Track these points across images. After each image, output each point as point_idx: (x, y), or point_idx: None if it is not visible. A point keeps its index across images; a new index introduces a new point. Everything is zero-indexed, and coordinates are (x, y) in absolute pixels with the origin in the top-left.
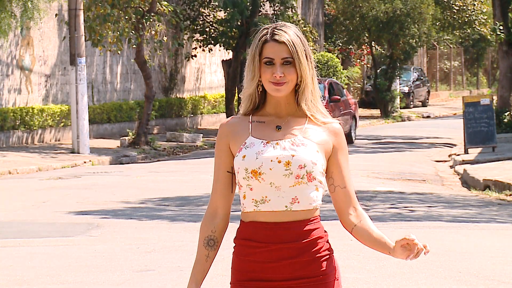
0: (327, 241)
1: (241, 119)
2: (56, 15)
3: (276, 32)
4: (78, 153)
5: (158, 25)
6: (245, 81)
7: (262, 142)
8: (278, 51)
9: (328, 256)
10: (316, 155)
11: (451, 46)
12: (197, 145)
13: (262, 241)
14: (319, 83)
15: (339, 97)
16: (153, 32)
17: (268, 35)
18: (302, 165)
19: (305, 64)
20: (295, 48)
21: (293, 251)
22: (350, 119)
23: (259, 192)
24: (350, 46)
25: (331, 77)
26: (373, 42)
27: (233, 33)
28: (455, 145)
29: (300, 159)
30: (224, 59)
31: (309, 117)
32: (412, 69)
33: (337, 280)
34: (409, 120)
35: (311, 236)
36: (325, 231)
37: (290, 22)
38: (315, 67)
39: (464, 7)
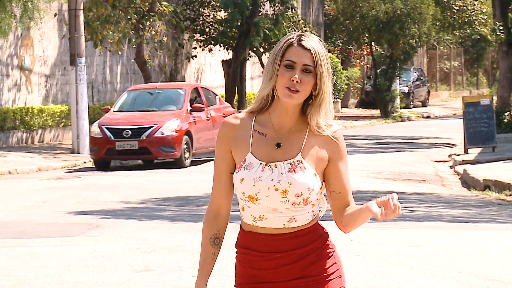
0: (328, 240)
1: (244, 122)
2: (55, 14)
3: (303, 39)
4: (78, 153)
5: (158, 26)
6: (263, 81)
7: (260, 164)
8: (301, 56)
9: (330, 255)
10: (313, 179)
11: (451, 46)
12: None
13: (262, 251)
14: (182, 89)
15: (202, 106)
16: (153, 32)
17: (294, 40)
18: (299, 193)
19: (326, 76)
20: (319, 57)
21: (294, 257)
22: None
23: (257, 211)
24: (350, 46)
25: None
26: (373, 42)
27: (233, 33)
28: (455, 145)
29: (297, 187)
30: (224, 59)
31: (310, 130)
32: (412, 69)
33: (340, 277)
34: (409, 120)
35: (311, 241)
36: (325, 231)
37: (290, 22)
38: (332, 83)
39: (464, 7)
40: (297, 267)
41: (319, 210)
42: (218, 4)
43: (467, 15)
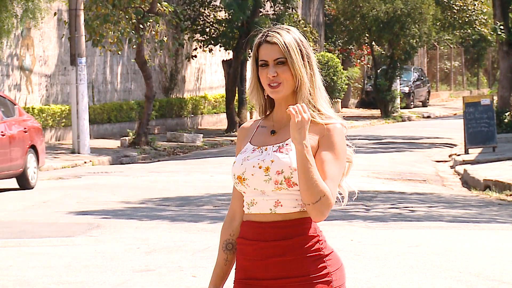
0: (319, 242)
1: (255, 123)
2: (55, 13)
3: (269, 34)
4: (79, 153)
5: (159, 25)
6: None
7: (253, 148)
8: (270, 52)
9: (318, 257)
10: None
11: (452, 46)
12: (197, 145)
13: (252, 239)
14: None
15: None
16: (153, 32)
17: (262, 38)
18: (279, 171)
19: (299, 62)
20: (286, 47)
21: (279, 250)
22: (24, 153)
23: (249, 196)
24: (351, 46)
25: (331, 78)
26: (373, 42)
27: (233, 34)
28: (455, 145)
29: (278, 164)
30: (225, 59)
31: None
32: (412, 69)
33: (330, 282)
34: (410, 120)
35: (299, 235)
36: (317, 232)
37: (291, 22)
38: (317, 70)
39: (465, 7)
40: (282, 263)
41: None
42: (218, 4)
43: (467, 15)
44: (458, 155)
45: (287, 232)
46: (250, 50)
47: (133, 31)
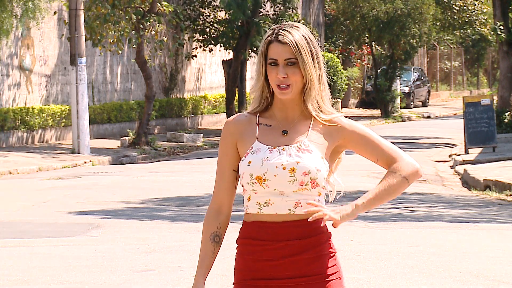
0: (330, 241)
1: (248, 118)
2: (55, 13)
3: (280, 33)
4: (79, 153)
5: (158, 25)
6: (254, 80)
7: (268, 148)
8: (281, 52)
9: (331, 255)
10: (320, 161)
11: (452, 46)
12: (197, 145)
13: (266, 239)
14: None
15: None
16: (153, 32)
17: (272, 36)
18: (306, 172)
19: (310, 64)
20: (298, 48)
21: (296, 249)
22: None
23: (264, 196)
24: (351, 46)
25: (331, 78)
26: (373, 42)
27: (233, 34)
28: (455, 145)
29: (305, 166)
30: (225, 59)
31: (314, 117)
32: (412, 69)
33: (340, 279)
34: (410, 120)
35: (314, 234)
36: (329, 231)
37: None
38: (324, 67)
39: (465, 7)
40: (298, 262)
41: (328, 195)
42: (218, 4)
43: (467, 15)
44: (458, 155)
45: (303, 231)
46: (250, 51)
47: (133, 31)
